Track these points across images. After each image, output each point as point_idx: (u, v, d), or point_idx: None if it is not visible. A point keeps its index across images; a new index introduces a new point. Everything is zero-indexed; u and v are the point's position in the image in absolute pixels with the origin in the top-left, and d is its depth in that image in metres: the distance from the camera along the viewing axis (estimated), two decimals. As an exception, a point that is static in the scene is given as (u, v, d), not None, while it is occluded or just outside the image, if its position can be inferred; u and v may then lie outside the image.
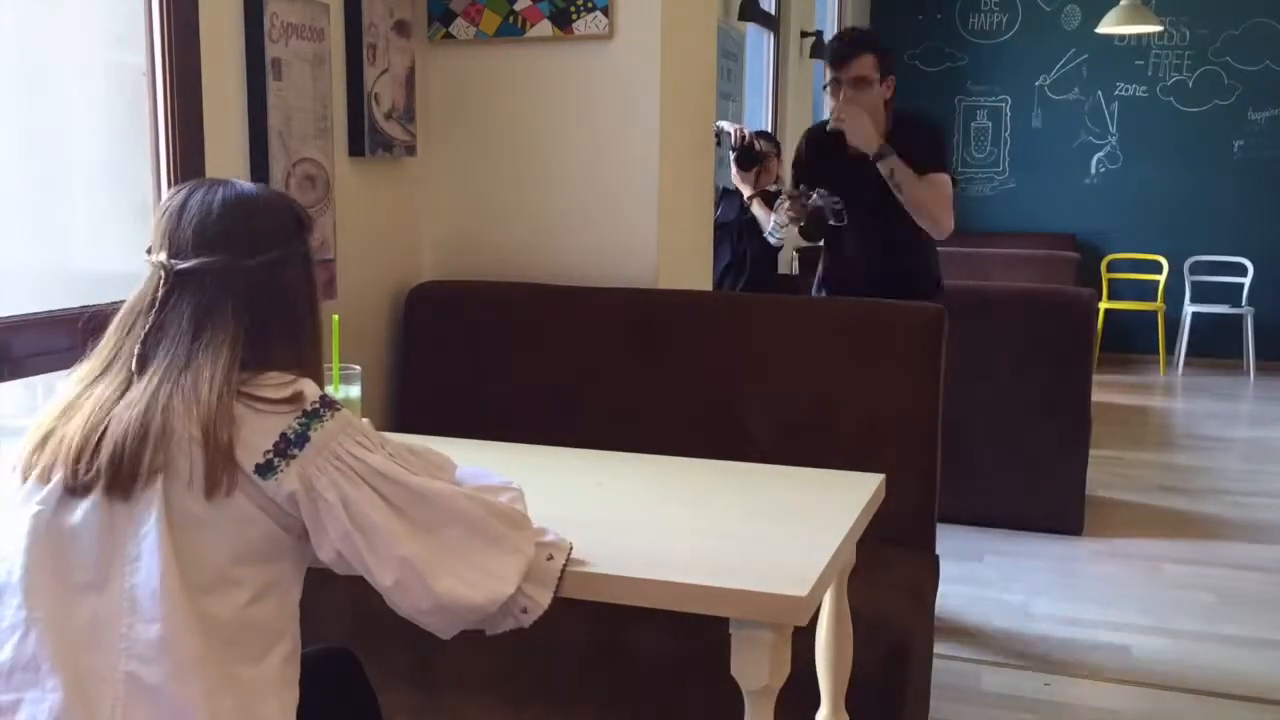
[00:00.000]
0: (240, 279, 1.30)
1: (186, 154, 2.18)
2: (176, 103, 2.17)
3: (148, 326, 1.27)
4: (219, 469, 1.20)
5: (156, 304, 1.28)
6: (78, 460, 1.22)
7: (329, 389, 1.64)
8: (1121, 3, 6.89)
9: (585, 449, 2.05)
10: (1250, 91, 7.84)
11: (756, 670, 1.40)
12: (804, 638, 1.67)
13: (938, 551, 2.51)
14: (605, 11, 2.77)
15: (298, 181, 2.44)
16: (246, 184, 1.39)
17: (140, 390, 1.24)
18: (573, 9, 2.79)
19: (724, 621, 1.40)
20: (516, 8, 2.83)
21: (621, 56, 2.80)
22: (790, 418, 2.49)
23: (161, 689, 1.18)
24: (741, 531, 1.61)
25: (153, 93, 2.17)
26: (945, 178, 3.22)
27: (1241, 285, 7.83)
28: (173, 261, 1.29)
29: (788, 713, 1.54)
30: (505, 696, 2.24)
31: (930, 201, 3.19)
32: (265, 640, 1.25)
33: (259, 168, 2.35)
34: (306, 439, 1.24)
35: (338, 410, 1.28)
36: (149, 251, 1.33)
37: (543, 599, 1.35)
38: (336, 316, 1.75)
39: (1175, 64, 7.98)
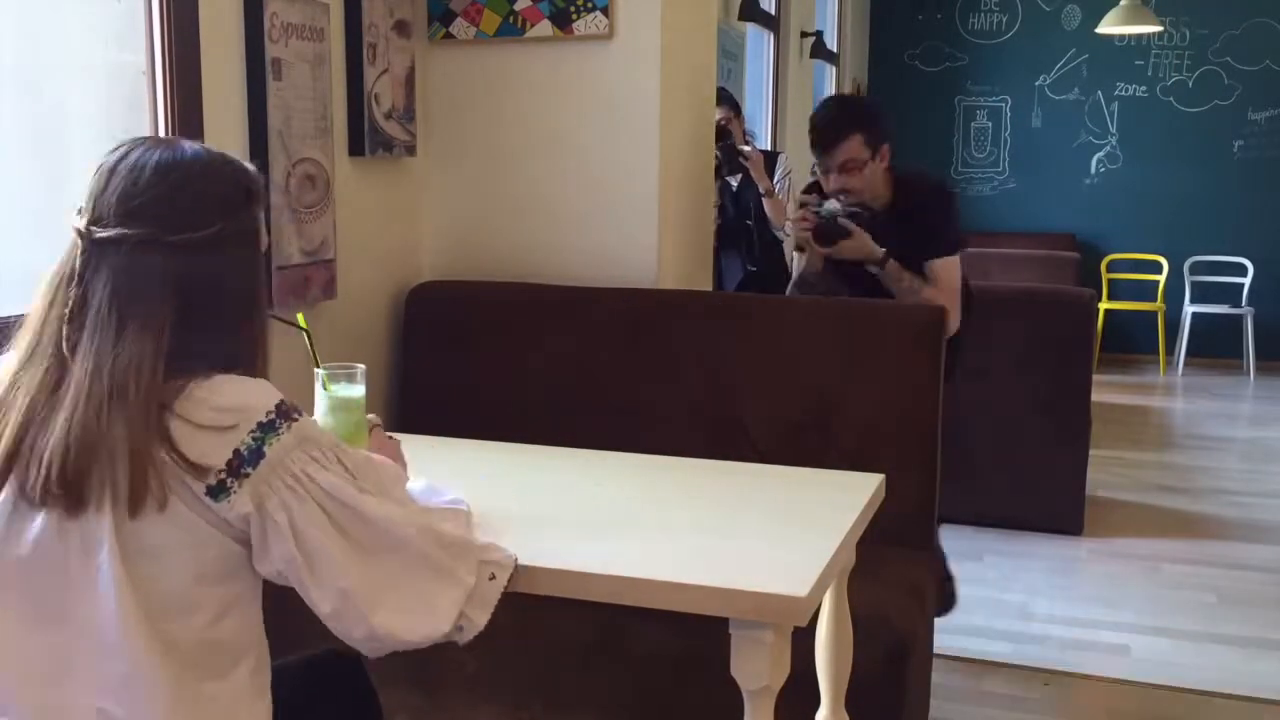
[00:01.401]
0: (166, 257, 1.17)
1: (186, 154, 2.17)
2: (176, 103, 2.17)
3: (69, 304, 1.16)
4: (143, 485, 1.12)
5: (75, 277, 1.17)
6: (11, 463, 1.15)
7: (318, 390, 1.63)
8: (1121, 3, 6.89)
9: (585, 449, 2.05)
10: (1250, 91, 7.84)
11: (756, 670, 1.40)
12: (804, 638, 1.67)
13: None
14: (605, 11, 2.77)
15: (298, 181, 2.44)
16: (193, 145, 1.25)
17: (73, 390, 1.14)
18: (573, 9, 2.79)
19: (724, 621, 1.40)
20: (516, 8, 2.83)
21: (621, 56, 2.80)
22: (790, 418, 2.49)
23: None
24: (741, 531, 1.61)
25: (153, 93, 2.17)
26: (954, 263, 2.88)
27: (1241, 285, 7.83)
28: (91, 228, 1.17)
29: (788, 713, 1.54)
30: (505, 696, 2.24)
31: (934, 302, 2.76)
32: (231, 656, 1.22)
33: (259, 167, 2.33)
34: (261, 455, 1.16)
35: (294, 420, 1.19)
36: (78, 213, 1.20)
37: (480, 619, 1.29)
38: (301, 314, 1.69)
39: (1175, 64, 7.98)
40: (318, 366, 1.64)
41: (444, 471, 1.62)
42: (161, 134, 2.17)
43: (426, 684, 2.27)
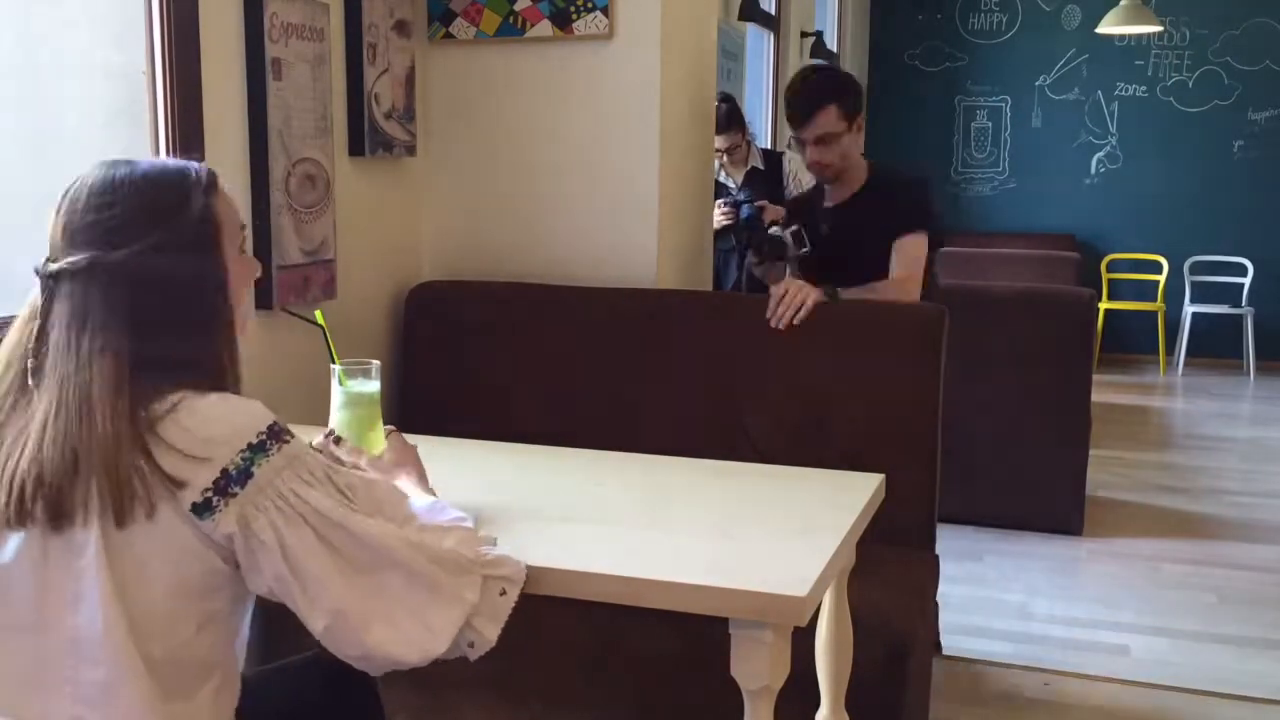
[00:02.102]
0: (110, 277, 1.18)
1: (186, 154, 2.16)
2: (176, 103, 2.17)
3: (31, 337, 1.19)
4: (127, 496, 1.13)
5: (36, 313, 1.20)
6: None
7: (335, 385, 1.64)
8: (1121, 3, 6.89)
9: (585, 449, 2.05)
10: (1250, 91, 7.84)
11: (756, 670, 1.40)
12: (804, 638, 1.67)
13: (937, 551, 2.51)
14: (605, 11, 2.77)
15: (298, 181, 2.44)
16: (134, 162, 1.25)
17: (39, 418, 1.16)
18: (573, 9, 2.79)
19: (724, 621, 1.40)
20: (516, 8, 2.83)
21: (621, 56, 2.80)
22: (789, 418, 2.49)
23: None
24: (741, 531, 1.61)
25: (153, 93, 2.17)
26: (921, 241, 2.88)
27: (1241, 285, 7.83)
28: (47, 264, 1.20)
29: (788, 713, 1.54)
30: (505, 696, 2.24)
31: (896, 293, 2.77)
32: (200, 673, 1.22)
33: (259, 168, 2.35)
34: (249, 475, 1.16)
35: (285, 442, 1.19)
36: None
37: (491, 634, 1.28)
38: (319, 311, 1.72)
39: (1175, 64, 7.98)
40: (335, 362, 1.66)
41: (444, 471, 1.62)
42: (162, 134, 2.17)
43: (427, 684, 2.27)
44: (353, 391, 1.65)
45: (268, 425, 1.19)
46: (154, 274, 1.20)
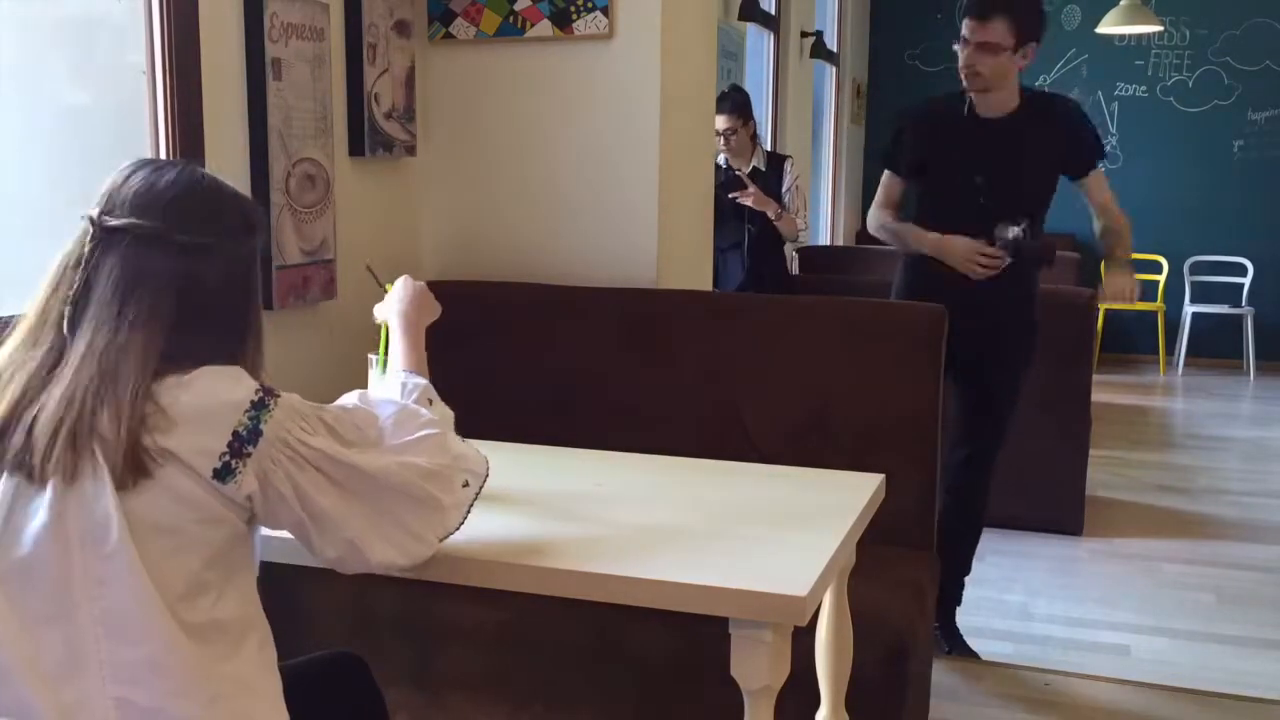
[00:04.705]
0: (170, 252, 1.22)
1: (186, 154, 2.18)
2: (176, 103, 2.17)
3: (75, 286, 1.21)
4: (134, 463, 1.16)
5: (83, 261, 1.21)
6: (8, 436, 1.17)
7: (374, 374, 1.76)
8: (1121, 3, 6.89)
9: (585, 449, 2.05)
10: (1250, 91, 7.84)
11: (756, 670, 1.40)
12: (804, 638, 1.67)
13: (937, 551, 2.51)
14: (605, 11, 2.77)
15: (298, 181, 2.44)
16: (206, 172, 1.32)
17: (70, 368, 1.18)
18: (573, 9, 2.79)
19: (724, 621, 1.40)
20: (516, 8, 2.83)
21: (621, 56, 2.80)
22: (790, 418, 2.49)
23: (162, 710, 1.17)
24: (741, 531, 1.61)
25: (153, 93, 2.17)
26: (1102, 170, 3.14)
27: (1241, 285, 7.83)
28: (103, 216, 1.22)
29: (788, 713, 1.54)
30: (505, 696, 2.24)
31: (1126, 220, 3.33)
32: (236, 633, 1.24)
33: (259, 168, 2.35)
34: (259, 433, 1.21)
35: (278, 396, 1.25)
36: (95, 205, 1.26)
37: (454, 522, 1.40)
38: (384, 323, 1.78)
39: (1175, 64, 7.98)
40: (381, 351, 1.76)
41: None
42: (162, 134, 2.17)
43: (426, 684, 2.27)
44: None
45: (258, 386, 1.25)
46: (211, 271, 1.25)
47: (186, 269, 1.23)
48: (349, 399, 1.42)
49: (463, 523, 1.41)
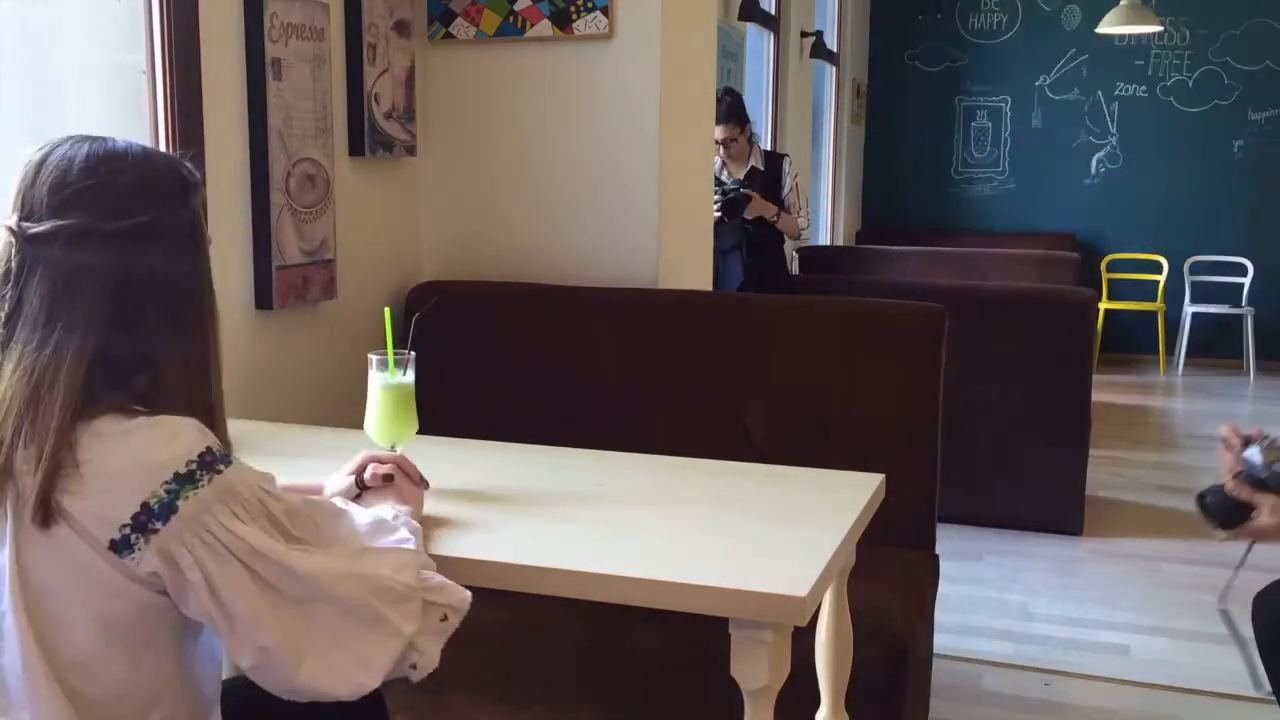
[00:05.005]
0: (101, 248, 1.10)
1: (186, 154, 2.17)
2: (176, 103, 2.17)
3: (6, 306, 1.10)
4: (36, 516, 1.06)
5: (11, 277, 1.10)
6: None
7: (385, 376, 1.64)
8: (1121, 3, 6.89)
9: (585, 449, 2.05)
10: (1250, 91, 7.84)
11: (756, 670, 1.40)
12: (804, 638, 1.67)
13: (937, 551, 2.51)
14: (605, 11, 2.77)
15: (298, 181, 2.44)
16: (123, 140, 1.18)
17: (1, 390, 1.08)
18: (573, 9, 2.79)
19: (724, 621, 1.40)
20: (516, 8, 2.83)
21: (621, 56, 2.80)
22: (790, 417, 2.49)
23: None
24: (741, 531, 1.61)
25: (153, 93, 2.17)
26: None
27: (1241, 285, 7.83)
28: (24, 224, 1.11)
29: (788, 713, 1.54)
30: (505, 696, 2.24)
31: None
32: (141, 708, 1.14)
33: (259, 168, 2.35)
34: (173, 510, 1.07)
35: (218, 472, 1.10)
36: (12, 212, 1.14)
37: (433, 655, 1.24)
38: (388, 309, 1.76)
39: (1175, 64, 7.98)
40: (389, 350, 1.71)
41: (444, 471, 1.62)
42: (162, 134, 2.17)
43: (427, 684, 2.27)
44: (394, 383, 1.70)
45: (199, 453, 1.10)
46: (148, 255, 1.13)
47: (122, 259, 1.11)
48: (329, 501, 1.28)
49: (438, 658, 1.24)
